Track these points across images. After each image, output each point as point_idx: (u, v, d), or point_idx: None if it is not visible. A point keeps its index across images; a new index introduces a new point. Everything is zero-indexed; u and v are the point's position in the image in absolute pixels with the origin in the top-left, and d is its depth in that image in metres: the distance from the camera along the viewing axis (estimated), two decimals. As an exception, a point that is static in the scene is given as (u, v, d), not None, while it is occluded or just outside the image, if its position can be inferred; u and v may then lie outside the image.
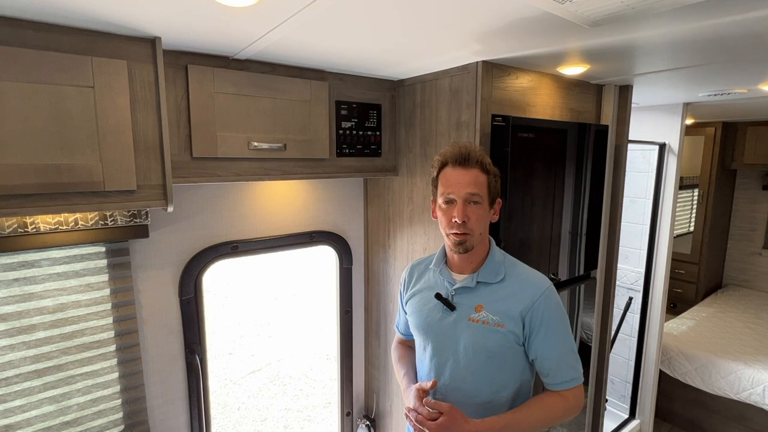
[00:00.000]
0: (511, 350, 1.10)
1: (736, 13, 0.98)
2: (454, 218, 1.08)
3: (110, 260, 1.38)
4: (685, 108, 2.48)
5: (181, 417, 1.61)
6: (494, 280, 1.13)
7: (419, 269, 1.30)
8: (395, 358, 1.38)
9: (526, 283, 1.12)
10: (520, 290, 1.11)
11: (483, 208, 1.10)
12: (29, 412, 1.30)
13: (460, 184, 1.08)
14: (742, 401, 2.68)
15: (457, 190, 1.08)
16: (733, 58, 1.41)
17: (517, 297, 1.10)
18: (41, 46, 0.99)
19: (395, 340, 1.44)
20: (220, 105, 1.31)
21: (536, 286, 1.11)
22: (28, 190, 1.01)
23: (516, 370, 1.13)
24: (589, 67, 1.53)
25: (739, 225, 4.04)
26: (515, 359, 1.12)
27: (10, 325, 1.25)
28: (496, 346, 1.09)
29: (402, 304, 1.33)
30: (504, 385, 1.12)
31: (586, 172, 1.77)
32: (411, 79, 1.67)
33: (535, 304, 1.08)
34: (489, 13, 0.98)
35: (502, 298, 1.11)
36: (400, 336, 1.41)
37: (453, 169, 1.10)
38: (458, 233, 1.09)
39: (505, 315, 1.09)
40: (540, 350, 1.10)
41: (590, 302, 1.99)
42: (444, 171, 1.12)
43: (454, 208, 1.08)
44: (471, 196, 1.08)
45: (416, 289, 1.26)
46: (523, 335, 1.10)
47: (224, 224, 1.63)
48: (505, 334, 1.08)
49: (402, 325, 1.38)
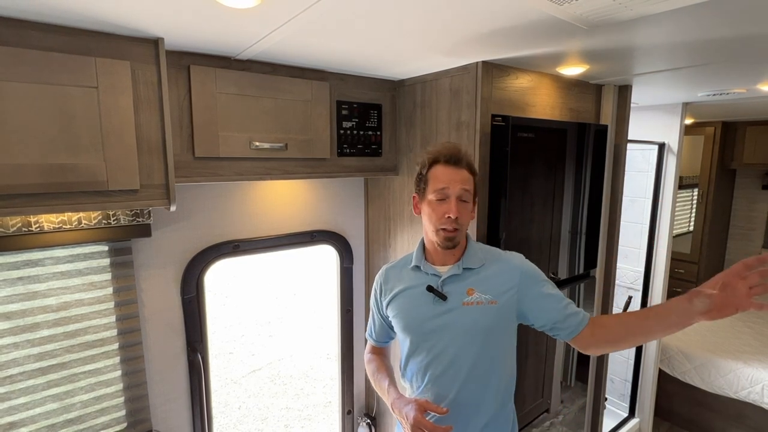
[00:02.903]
0: (506, 324, 1.18)
1: (733, 14, 0.99)
2: (447, 214, 1.11)
3: (113, 259, 1.39)
4: (684, 108, 2.49)
5: (183, 415, 1.63)
6: (477, 265, 1.19)
7: (394, 273, 1.29)
8: (371, 370, 1.35)
9: (504, 262, 1.21)
10: (502, 268, 1.19)
11: (470, 206, 1.17)
12: (33, 409, 1.31)
13: (455, 182, 1.13)
14: (741, 400, 2.68)
15: (452, 186, 1.13)
16: (732, 59, 1.41)
17: (502, 274, 1.18)
18: (45, 47, 1.00)
19: (367, 350, 1.42)
20: (222, 105, 1.32)
21: (514, 260, 1.21)
22: (32, 190, 1.02)
23: (509, 345, 1.22)
24: (588, 68, 1.54)
25: (739, 224, 4.04)
26: (509, 333, 1.20)
27: (14, 323, 1.26)
28: (493, 323, 1.15)
29: (380, 309, 1.32)
30: (500, 362, 1.18)
31: (586, 171, 1.78)
32: (411, 79, 1.68)
33: (521, 276, 1.17)
34: (488, 15, 0.99)
35: (488, 278, 1.18)
36: (374, 344, 1.40)
37: (445, 167, 1.15)
38: (450, 229, 1.13)
39: (496, 291, 1.16)
40: (543, 311, 1.16)
41: (590, 301, 2.00)
42: (435, 168, 1.16)
43: (447, 204, 1.12)
44: (464, 193, 1.14)
45: (397, 290, 1.25)
46: (517, 307, 1.17)
47: (226, 224, 1.64)
48: (499, 309, 1.15)
49: (377, 332, 1.37)
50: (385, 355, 1.40)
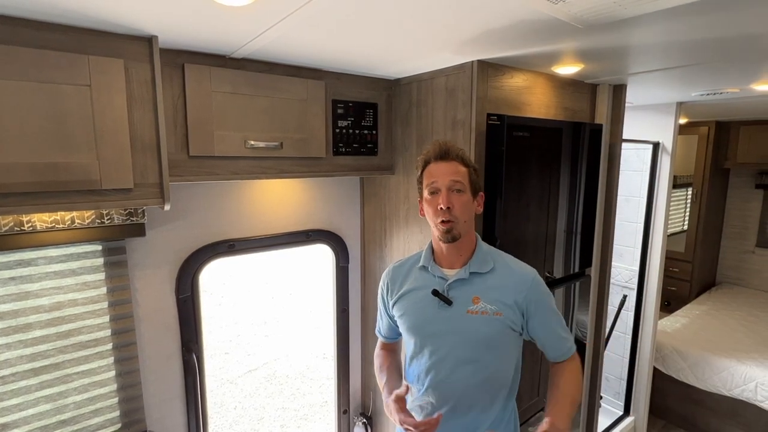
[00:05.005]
0: (508, 337, 1.16)
1: (727, 14, 1.00)
2: (439, 205, 1.12)
3: (107, 259, 1.38)
4: (678, 107, 2.50)
5: (178, 415, 1.62)
6: (485, 269, 1.18)
7: (402, 271, 1.29)
8: (376, 366, 1.37)
9: (515, 274, 1.19)
10: (510, 280, 1.17)
11: (466, 196, 1.16)
12: (26, 410, 1.30)
13: (443, 174, 1.15)
14: (735, 397, 2.71)
15: (440, 179, 1.14)
16: (725, 58, 1.42)
17: (510, 287, 1.16)
18: (38, 44, 0.99)
19: (378, 346, 1.43)
20: (217, 104, 1.31)
21: (525, 275, 1.19)
22: (25, 189, 1.01)
23: (512, 357, 1.20)
24: (583, 67, 1.55)
25: (733, 223, 4.07)
26: (512, 346, 1.19)
27: (7, 323, 1.25)
28: (496, 335, 1.14)
29: (386, 308, 1.32)
30: (502, 374, 1.17)
31: (581, 170, 1.79)
32: (407, 78, 1.68)
33: (528, 293, 1.15)
34: (484, 14, 0.99)
35: (496, 287, 1.16)
36: (383, 340, 1.41)
37: (435, 163, 1.17)
38: (444, 221, 1.13)
39: (501, 303, 1.14)
40: (540, 332, 1.18)
41: (585, 300, 2.00)
42: (428, 167, 1.19)
43: (439, 197, 1.13)
44: (454, 183, 1.14)
45: (404, 290, 1.25)
46: (521, 321, 1.16)
47: (221, 223, 1.63)
48: (503, 322, 1.13)
49: (384, 329, 1.38)
50: (394, 351, 1.40)
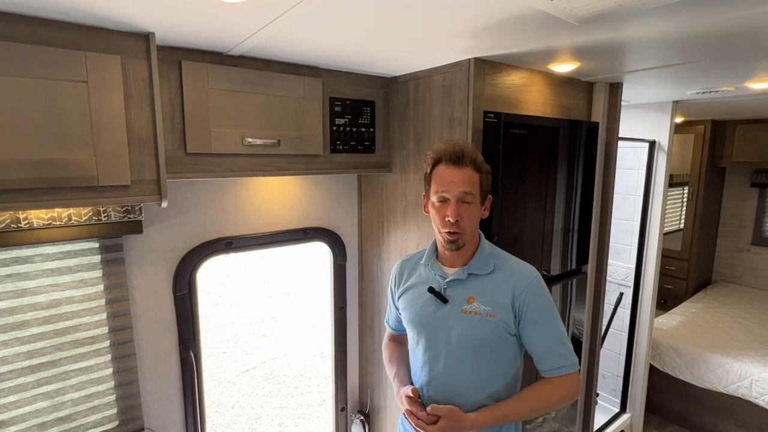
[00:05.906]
0: (503, 339, 1.12)
1: (722, 12, 1.01)
2: (447, 217, 1.09)
3: (104, 256, 1.38)
4: (674, 106, 2.51)
5: (176, 413, 1.62)
6: (484, 271, 1.15)
7: (410, 265, 1.31)
8: (386, 356, 1.39)
9: (514, 274, 1.14)
10: (508, 280, 1.13)
11: (475, 206, 1.12)
12: (23, 408, 1.30)
13: (454, 184, 1.09)
14: (730, 394, 2.72)
15: (451, 189, 1.10)
16: (721, 56, 1.43)
17: (506, 287, 1.13)
18: (35, 40, 0.99)
19: (386, 337, 1.46)
20: (215, 101, 1.31)
21: (524, 275, 1.14)
22: (21, 185, 1.00)
23: (507, 360, 1.15)
24: (579, 65, 1.56)
25: (728, 222, 4.09)
26: (507, 349, 1.14)
27: (3, 321, 1.25)
28: (489, 336, 1.11)
29: (393, 299, 1.35)
30: (497, 375, 1.15)
31: (578, 168, 1.80)
32: (404, 76, 1.68)
33: (522, 293, 1.11)
34: (480, 11, 0.99)
35: (493, 288, 1.14)
36: (391, 331, 1.43)
37: (447, 167, 1.11)
38: (451, 232, 1.11)
39: (496, 305, 1.12)
40: (530, 338, 1.13)
41: (581, 298, 2.01)
42: (438, 168, 1.14)
43: (448, 207, 1.10)
44: (464, 195, 1.09)
45: (408, 284, 1.27)
46: (514, 324, 1.12)
47: (218, 220, 1.63)
48: (497, 324, 1.11)
49: (393, 320, 1.40)
50: (402, 342, 1.40)
